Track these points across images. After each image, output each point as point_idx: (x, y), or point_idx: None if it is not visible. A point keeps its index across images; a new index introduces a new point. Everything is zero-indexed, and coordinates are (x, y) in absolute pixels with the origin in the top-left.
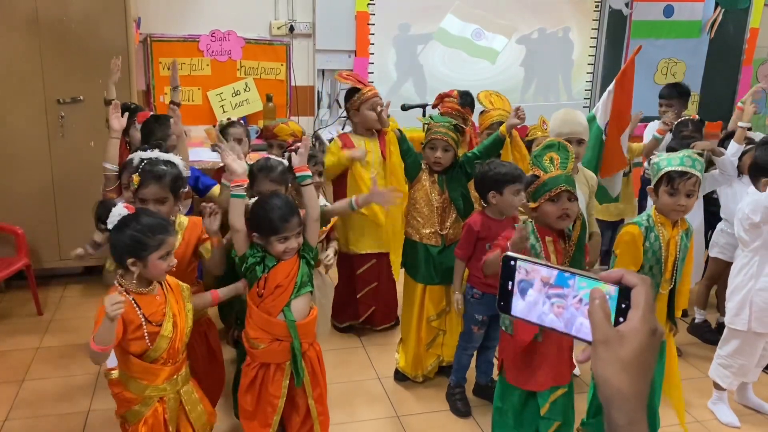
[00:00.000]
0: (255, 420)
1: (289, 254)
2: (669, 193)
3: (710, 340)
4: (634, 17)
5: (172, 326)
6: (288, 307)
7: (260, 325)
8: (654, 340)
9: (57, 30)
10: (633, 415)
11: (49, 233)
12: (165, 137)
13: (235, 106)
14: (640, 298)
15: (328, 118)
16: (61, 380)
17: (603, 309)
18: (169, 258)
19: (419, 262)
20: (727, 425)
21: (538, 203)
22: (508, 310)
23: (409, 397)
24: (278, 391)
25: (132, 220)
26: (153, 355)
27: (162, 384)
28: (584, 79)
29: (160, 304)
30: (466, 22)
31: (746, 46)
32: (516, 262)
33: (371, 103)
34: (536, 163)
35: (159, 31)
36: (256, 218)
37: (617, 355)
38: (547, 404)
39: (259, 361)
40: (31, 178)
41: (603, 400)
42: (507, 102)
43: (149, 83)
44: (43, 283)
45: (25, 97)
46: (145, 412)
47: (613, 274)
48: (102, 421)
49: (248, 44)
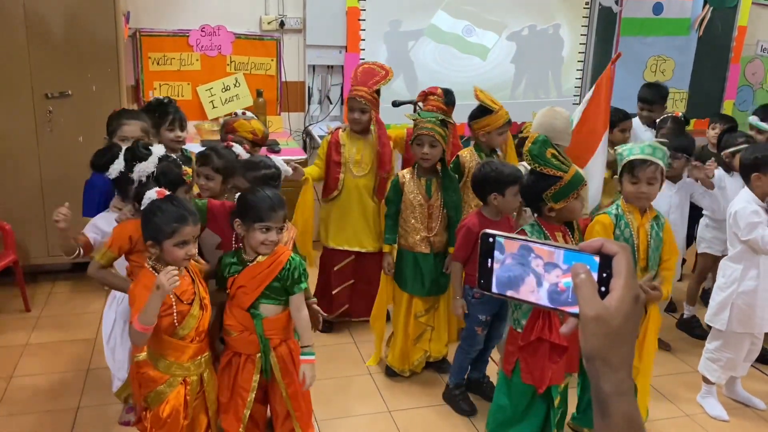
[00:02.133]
0: (229, 412)
1: (266, 247)
2: (631, 182)
3: (699, 335)
4: (624, 14)
5: (200, 308)
6: (255, 308)
7: (233, 314)
8: (637, 307)
9: (45, 24)
10: (621, 384)
11: (37, 229)
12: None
13: (225, 102)
14: (621, 266)
15: (319, 114)
16: (49, 377)
17: (590, 283)
18: (186, 247)
19: (406, 271)
20: (715, 419)
21: (564, 203)
22: (489, 288)
23: (400, 392)
24: (248, 384)
25: (156, 204)
26: (181, 333)
27: (187, 362)
28: (574, 76)
29: (189, 284)
30: (457, 19)
31: (734, 44)
32: (494, 238)
33: (349, 105)
34: (546, 163)
35: (148, 25)
36: (244, 204)
37: (606, 329)
38: (559, 396)
39: (232, 350)
40: (18, 173)
41: (591, 372)
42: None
43: (138, 78)
44: (31, 279)
45: (12, 92)
46: (168, 392)
47: (594, 244)
48: (91, 418)
49: (238, 39)
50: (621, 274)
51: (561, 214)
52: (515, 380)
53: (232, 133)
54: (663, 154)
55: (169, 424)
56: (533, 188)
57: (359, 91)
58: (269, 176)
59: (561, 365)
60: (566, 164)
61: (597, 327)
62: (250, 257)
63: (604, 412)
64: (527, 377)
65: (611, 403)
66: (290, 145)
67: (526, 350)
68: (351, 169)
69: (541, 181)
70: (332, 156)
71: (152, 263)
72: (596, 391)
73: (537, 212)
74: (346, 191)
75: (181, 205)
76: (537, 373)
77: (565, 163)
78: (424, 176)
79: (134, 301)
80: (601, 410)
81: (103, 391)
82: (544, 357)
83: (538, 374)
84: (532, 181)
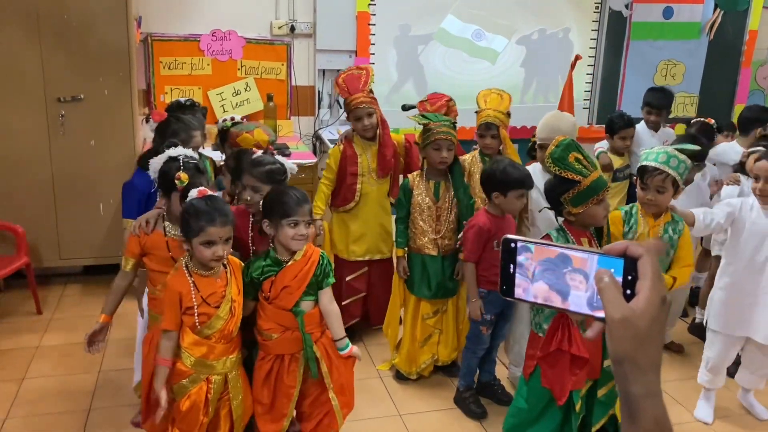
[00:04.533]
0: (269, 414)
1: (297, 242)
2: (641, 187)
3: None
4: (634, 18)
5: (229, 310)
6: (297, 305)
7: (271, 317)
8: (664, 308)
9: (58, 28)
10: (650, 386)
11: (49, 232)
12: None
13: (236, 106)
14: (647, 268)
15: (329, 119)
16: (61, 379)
17: (615, 286)
18: (214, 247)
19: (414, 274)
20: (698, 420)
21: (583, 208)
22: (511, 293)
23: (410, 395)
24: (293, 380)
25: (190, 203)
26: (205, 332)
27: (212, 360)
28: (584, 80)
29: (220, 287)
30: (467, 23)
31: (745, 47)
32: (517, 243)
33: (355, 115)
34: (565, 167)
35: (160, 30)
36: (270, 204)
37: (634, 331)
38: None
39: (274, 353)
40: (31, 176)
41: (619, 377)
42: (506, 99)
43: (149, 82)
44: (43, 282)
45: (25, 96)
46: (191, 388)
47: (617, 246)
48: (103, 419)
49: (249, 44)
50: (647, 276)
51: (582, 219)
52: (533, 383)
53: (236, 147)
54: (679, 164)
55: (188, 418)
56: (553, 191)
57: (358, 98)
58: (275, 171)
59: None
60: (588, 169)
61: (624, 329)
62: (285, 257)
63: (633, 415)
64: (546, 381)
65: (640, 406)
66: (300, 148)
67: (546, 361)
68: (370, 177)
69: (560, 185)
70: (348, 167)
71: (186, 260)
72: (625, 394)
73: (560, 215)
74: (364, 200)
75: (214, 206)
76: (557, 385)
77: (588, 168)
78: (432, 179)
79: (163, 308)
80: (630, 413)
81: (114, 392)
82: (564, 369)
83: (558, 386)
84: (552, 184)
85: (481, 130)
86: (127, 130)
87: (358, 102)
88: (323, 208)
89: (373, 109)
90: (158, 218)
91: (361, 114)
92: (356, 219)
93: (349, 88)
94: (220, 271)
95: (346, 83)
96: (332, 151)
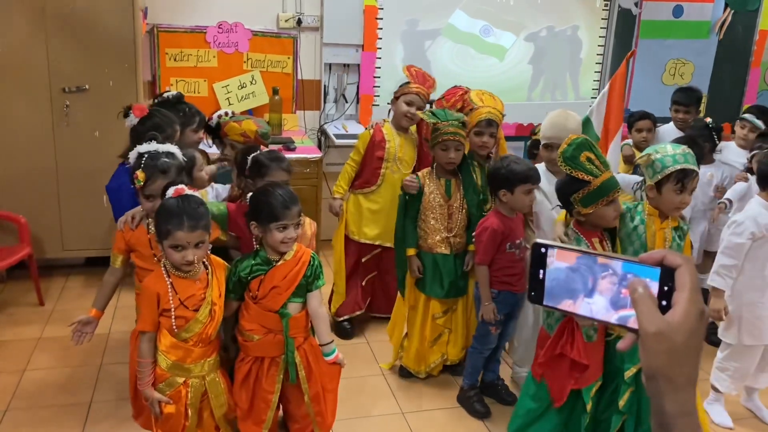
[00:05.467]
0: (249, 419)
1: (286, 245)
2: (677, 191)
3: (715, 342)
4: (643, 17)
5: (208, 313)
6: (284, 307)
7: (255, 317)
8: (702, 323)
9: (64, 18)
10: (686, 405)
11: (52, 223)
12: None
13: (241, 99)
14: (685, 279)
15: (335, 113)
16: (62, 371)
17: (649, 298)
18: (183, 252)
19: (425, 273)
20: (719, 425)
21: (593, 208)
22: (540, 300)
23: (414, 393)
24: (272, 386)
25: (164, 203)
26: (183, 335)
27: (188, 364)
28: (592, 78)
29: (199, 289)
30: (475, 19)
31: (755, 47)
32: (547, 249)
33: (408, 99)
34: (576, 166)
35: (166, 21)
36: (257, 205)
37: (669, 345)
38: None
39: (253, 355)
40: (35, 167)
41: (652, 392)
42: (499, 101)
43: (155, 74)
44: (45, 273)
45: (30, 86)
46: (167, 391)
47: (655, 255)
48: (104, 412)
49: (255, 37)
50: (685, 287)
51: (591, 219)
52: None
53: (223, 136)
54: (695, 161)
55: (169, 423)
56: (563, 190)
57: (422, 89)
58: None
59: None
60: (600, 170)
61: (658, 343)
62: (275, 257)
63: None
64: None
65: (675, 425)
66: (305, 143)
67: (547, 365)
68: (394, 164)
69: (571, 184)
70: (375, 152)
71: (164, 260)
72: (658, 411)
73: (571, 215)
74: (385, 186)
75: (185, 209)
76: (555, 387)
77: (599, 169)
78: (443, 177)
79: (139, 308)
80: (662, 428)
81: (115, 385)
82: (564, 373)
83: (556, 389)
84: (563, 184)
85: (481, 127)
86: None
87: (420, 91)
88: (345, 188)
89: (423, 106)
90: (143, 215)
91: (414, 101)
92: (374, 203)
93: (418, 79)
94: (200, 272)
95: (417, 74)
96: (362, 135)
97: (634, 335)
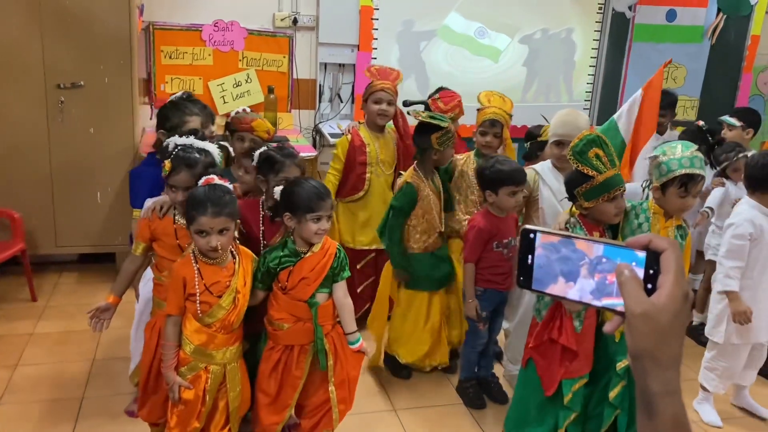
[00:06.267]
0: (272, 405)
1: (319, 236)
2: (680, 195)
3: (705, 343)
4: (637, 20)
5: (232, 300)
6: (313, 297)
7: (285, 307)
8: (687, 304)
9: (59, 14)
10: (670, 384)
11: (46, 219)
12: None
13: (236, 97)
14: (670, 263)
15: (329, 112)
16: (54, 366)
17: (635, 280)
18: (207, 237)
19: (426, 273)
20: (708, 424)
21: (594, 203)
22: (529, 285)
23: (405, 391)
24: (301, 372)
25: (193, 191)
26: (207, 320)
27: (211, 350)
28: (585, 81)
29: (225, 276)
30: (470, 20)
31: (747, 53)
32: (536, 234)
33: (376, 97)
34: (583, 161)
35: (162, 19)
36: (292, 197)
37: (654, 326)
38: (570, 394)
39: (283, 344)
40: (29, 162)
41: (637, 371)
42: (509, 103)
43: (150, 71)
44: (39, 269)
45: (25, 82)
46: (188, 375)
47: (641, 239)
48: (96, 407)
49: (251, 35)
50: (670, 270)
51: (593, 213)
52: (530, 372)
53: (249, 131)
54: (702, 163)
55: (186, 407)
56: (570, 183)
57: (386, 84)
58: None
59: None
60: (606, 166)
61: (645, 324)
62: (303, 248)
63: (650, 412)
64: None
65: (659, 403)
66: (300, 142)
67: (537, 350)
68: (378, 167)
69: (577, 178)
70: (356, 157)
71: (193, 248)
72: (643, 390)
73: (576, 208)
74: (372, 190)
75: (211, 196)
76: (546, 375)
77: (606, 165)
78: (429, 175)
79: (168, 294)
80: (648, 410)
81: (108, 381)
82: (554, 359)
83: (547, 376)
84: (570, 176)
85: (485, 127)
86: (127, 119)
87: (385, 86)
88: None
89: (394, 100)
90: (171, 205)
91: (382, 97)
92: (363, 208)
93: (379, 76)
94: (227, 260)
95: (378, 71)
96: (339, 141)
97: (620, 318)
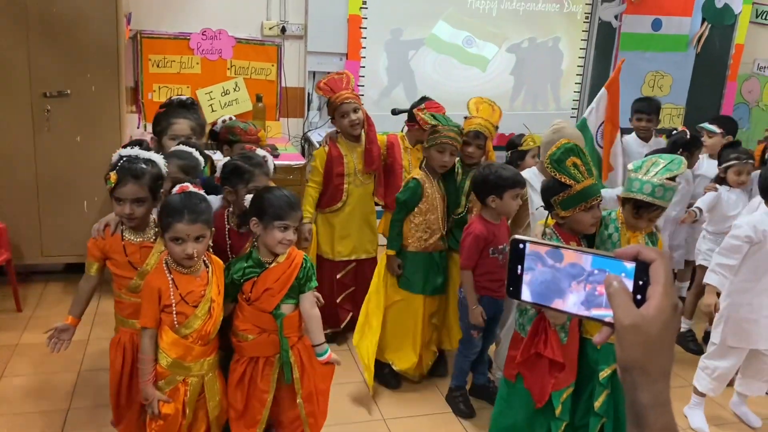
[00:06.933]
0: (242, 419)
1: (284, 246)
2: (634, 216)
3: (693, 350)
4: (623, 30)
5: (207, 310)
6: (278, 308)
7: (249, 318)
8: (676, 315)
9: (46, 22)
10: (660, 396)
11: (32, 229)
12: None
13: (225, 106)
14: (659, 274)
15: (318, 121)
16: (40, 377)
17: (624, 291)
18: (183, 245)
19: (422, 274)
20: (695, 430)
21: (571, 212)
22: (518, 295)
23: (395, 400)
24: (267, 385)
25: (167, 198)
26: (183, 331)
27: (189, 362)
28: (572, 89)
29: (200, 286)
30: (458, 29)
31: (731, 61)
32: (525, 245)
33: (341, 111)
34: (561, 170)
35: (149, 27)
36: (261, 203)
37: (644, 338)
38: (560, 405)
39: (248, 356)
40: (15, 172)
41: (627, 384)
42: (498, 112)
43: (138, 80)
44: (24, 279)
45: (10, 90)
46: (166, 389)
47: (629, 250)
48: (82, 419)
49: (239, 44)
50: (659, 281)
51: (569, 223)
52: (518, 385)
53: (255, 143)
54: (665, 192)
55: (167, 422)
56: (546, 192)
57: (344, 94)
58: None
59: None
60: (583, 176)
61: (634, 336)
62: (268, 259)
63: (640, 424)
64: (527, 383)
65: (649, 415)
66: (289, 150)
67: (524, 364)
68: (356, 178)
69: (554, 186)
70: (334, 168)
71: (167, 257)
72: (632, 402)
73: (552, 217)
74: (351, 201)
75: (186, 203)
76: (536, 387)
77: (583, 175)
78: (435, 176)
79: (142, 306)
80: (638, 422)
81: (94, 392)
82: (543, 372)
83: (537, 389)
84: (547, 185)
85: (469, 138)
86: (114, 128)
87: (344, 98)
88: (312, 212)
89: (358, 106)
90: (118, 222)
91: (347, 109)
92: (342, 219)
93: (333, 88)
94: (200, 269)
95: (329, 84)
96: (317, 153)
97: (609, 329)
